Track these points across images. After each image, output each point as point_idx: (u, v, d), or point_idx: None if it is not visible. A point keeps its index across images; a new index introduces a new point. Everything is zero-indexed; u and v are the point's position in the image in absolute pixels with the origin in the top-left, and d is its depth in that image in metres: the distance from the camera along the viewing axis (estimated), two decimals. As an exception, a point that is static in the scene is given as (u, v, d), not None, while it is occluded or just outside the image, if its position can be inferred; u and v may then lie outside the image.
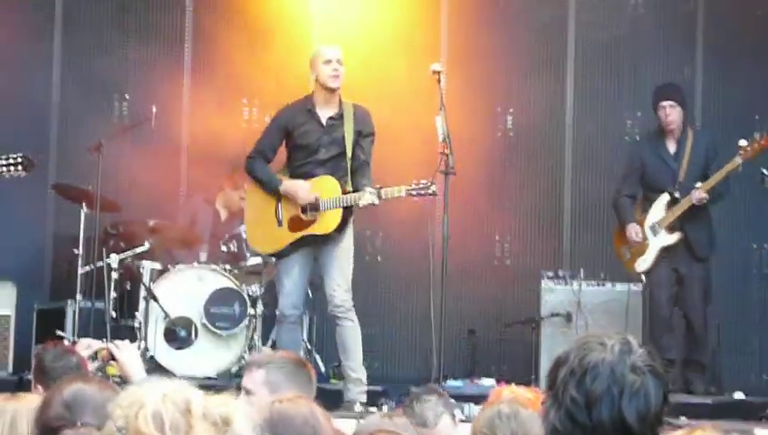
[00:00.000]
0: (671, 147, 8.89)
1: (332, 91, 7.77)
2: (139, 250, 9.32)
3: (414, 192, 7.58)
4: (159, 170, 10.12)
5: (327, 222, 7.73)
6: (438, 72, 7.82)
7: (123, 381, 4.52)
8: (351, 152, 7.74)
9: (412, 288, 10.44)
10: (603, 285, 9.55)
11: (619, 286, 9.45)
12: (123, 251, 9.30)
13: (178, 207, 10.42)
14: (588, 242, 10.36)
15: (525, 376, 9.28)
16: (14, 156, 7.25)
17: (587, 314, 9.41)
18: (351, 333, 7.93)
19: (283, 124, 7.87)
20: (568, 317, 9.49)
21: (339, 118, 7.79)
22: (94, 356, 4.47)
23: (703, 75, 10.53)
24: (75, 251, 9.22)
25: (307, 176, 7.80)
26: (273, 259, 8.33)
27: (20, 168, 7.25)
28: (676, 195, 8.76)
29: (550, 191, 10.64)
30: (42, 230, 10.46)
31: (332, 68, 7.71)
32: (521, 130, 10.71)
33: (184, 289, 9.05)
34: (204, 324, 8.97)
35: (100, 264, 9.08)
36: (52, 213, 10.43)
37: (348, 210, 7.77)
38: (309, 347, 9.40)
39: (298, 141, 7.80)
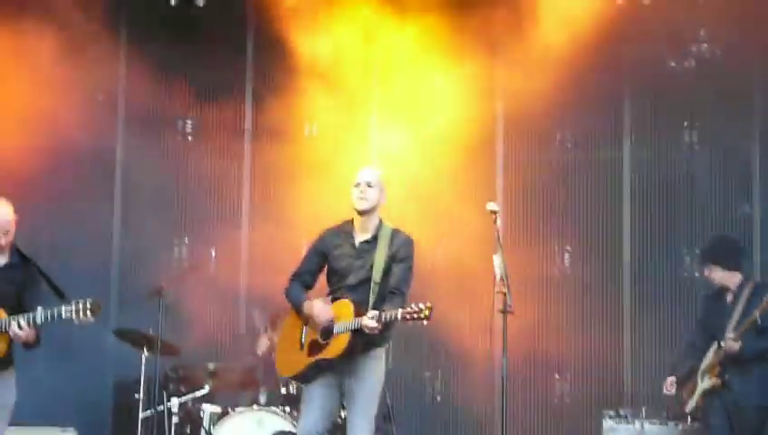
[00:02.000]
0: (729, 297, 8.91)
1: (361, 213, 7.62)
2: (199, 393, 9.35)
3: (408, 316, 7.25)
4: (218, 313, 10.22)
5: (336, 346, 7.48)
6: (495, 212, 7.83)
7: None
8: (381, 277, 7.52)
9: (473, 429, 10.39)
10: (666, 423, 9.44)
11: (682, 425, 9.35)
12: (183, 394, 9.34)
13: (238, 349, 10.45)
14: (649, 380, 10.26)
15: None
16: (83, 301, 7.33)
17: (650, 453, 9.29)
18: None
19: (321, 248, 7.71)
20: (631, 456, 9.37)
21: (373, 241, 7.62)
22: None
23: (761, 211, 10.52)
24: (136, 395, 9.25)
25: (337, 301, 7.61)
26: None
27: (89, 313, 7.33)
28: (722, 343, 8.76)
29: (609, 330, 10.58)
30: (103, 375, 10.53)
31: (360, 190, 7.59)
32: (578, 269, 10.71)
33: (244, 432, 9.03)
34: (264, 467, 8.95)
35: (160, 408, 9.10)
36: (113, 358, 10.49)
37: (360, 336, 7.41)
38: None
39: (332, 265, 7.64)
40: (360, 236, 7.63)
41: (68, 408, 9.95)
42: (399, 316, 7.26)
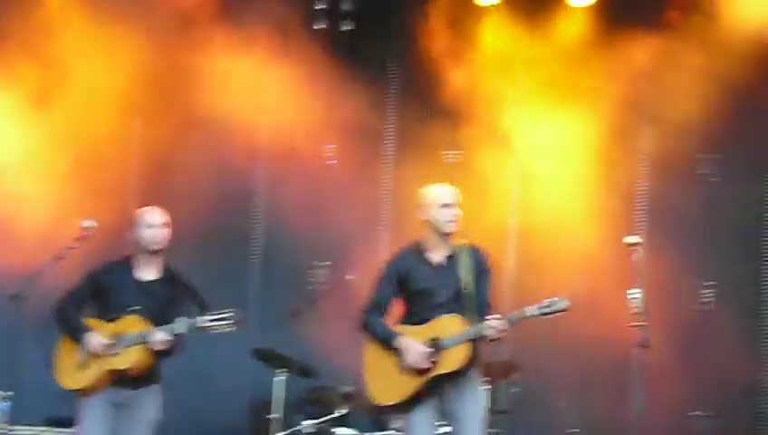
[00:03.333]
0: None
1: (446, 235, 7.41)
2: (333, 416, 9.41)
3: (547, 310, 7.14)
4: (356, 337, 10.27)
5: (452, 359, 7.21)
6: (635, 244, 7.74)
7: None
8: (470, 291, 7.32)
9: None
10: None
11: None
12: (318, 417, 9.41)
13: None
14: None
15: None
16: (224, 311, 7.47)
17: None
18: None
19: (396, 272, 7.44)
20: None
21: (452, 257, 7.41)
22: None
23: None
24: (269, 416, 9.36)
25: (427, 322, 7.33)
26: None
27: (227, 323, 7.45)
28: None
29: (747, 366, 10.40)
30: (240, 395, 10.66)
31: (451, 212, 7.37)
32: (719, 305, 10.55)
33: (377, 455, 9.09)
34: (396, 492, 8.98)
35: (294, 429, 9.19)
36: (250, 378, 10.63)
37: (474, 348, 7.28)
38: None
39: (412, 287, 7.38)
40: (439, 254, 7.43)
41: (204, 428, 10.11)
42: (536, 311, 7.13)
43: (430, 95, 10.83)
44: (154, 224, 7.67)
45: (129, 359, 7.52)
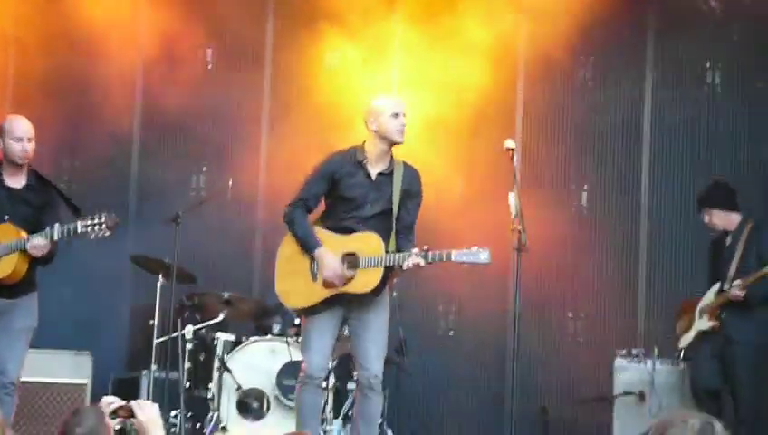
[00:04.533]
0: (728, 241, 8.93)
1: (394, 144, 7.40)
2: (213, 322, 9.42)
3: (464, 258, 7.19)
4: (235, 243, 10.25)
5: (365, 281, 7.26)
6: (512, 150, 7.77)
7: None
8: (397, 212, 7.36)
9: (484, 364, 10.44)
10: (678, 364, 9.46)
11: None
12: (198, 323, 9.41)
13: (253, 279, 10.51)
14: (662, 320, 10.27)
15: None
16: (98, 216, 7.37)
17: (660, 394, 9.33)
18: (378, 408, 7.58)
19: (330, 172, 7.39)
20: (641, 396, 9.41)
21: (389, 174, 7.40)
22: (114, 414, 4.50)
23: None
24: (151, 322, 9.33)
25: (348, 231, 7.34)
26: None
27: (104, 227, 7.36)
28: (725, 287, 8.80)
29: (624, 269, 10.59)
30: (119, 301, 10.60)
31: (401, 122, 7.34)
32: (595, 208, 10.71)
33: (257, 361, 9.11)
34: (276, 397, 9.02)
35: (175, 335, 9.18)
36: (130, 284, 10.57)
37: (388, 271, 7.34)
38: (380, 421, 9.36)
39: (344, 193, 7.36)
40: (377, 167, 7.41)
41: (83, 331, 10.03)
42: (453, 258, 7.15)
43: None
44: (22, 137, 7.53)
45: (4, 267, 7.40)
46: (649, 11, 10.66)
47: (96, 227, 7.34)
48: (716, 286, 8.88)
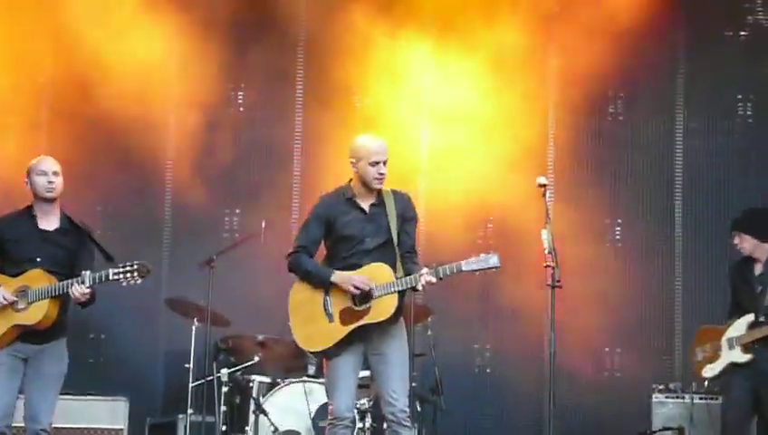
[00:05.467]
0: (757, 269, 8.84)
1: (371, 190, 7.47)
2: (248, 364, 9.42)
3: (474, 266, 7.23)
4: (268, 285, 10.24)
5: (382, 308, 7.29)
6: (544, 186, 7.78)
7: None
8: (398, 238, 7.39)
9: (521, 402, 10.38)
10: (716, 398, 9.38)
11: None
12: (233, 365, 9.41)
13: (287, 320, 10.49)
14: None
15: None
16: (130, 263, 7.39)
17: (699, 428, 9.25)
18: None
19: (324, 216, 7.44)
20: (680, 431, 9.34)
21: (380, 205, 7.44)
22: None
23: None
24: (186, 365, 9.34)
25: (355, 268, 7.35)
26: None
27: (136, 274, 7.37)
28: (761, 318, 8.69)
29: (660, 303, 10.53)
30: (154, 345, 10.62)
31: (379, 171, 7.38)
32: (629, 241, 10.66)
33: (293, 403, 9.09)
34: (312, 438, 9.01)
35: (210, 378, 9.18)
36: (164, 328, 10.58)
37: (402, 298, 7.39)
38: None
39: (342, 232, 7.40)
40: (366, 201, 7.45)
41: (119, 376, 10.06)
42: (463, 267, 7.20)
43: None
44: (47, 171, 7.58)
45: (36, 313, 7.42)
46: (680, 43, 10.65)
47: (128, 275, 7.36)
48: (750, 317, 8.76)
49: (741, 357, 8.74)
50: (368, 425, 9.06)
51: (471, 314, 10.40)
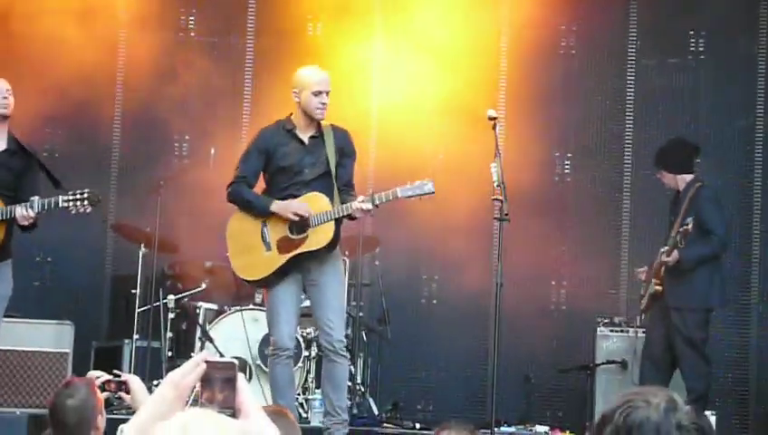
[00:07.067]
0: (677, 201, 8.91)
1: (314, 120, 7.50)
2: (195, 291, 9.41)
3: (410, 192, 7.29)
4: (217, 212, 10.19)
5: (319, 237, 7.37)
6: (494, 119, 7.78)
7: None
8: (335, 171, 7.45)
9: (467, 333, 10.44)
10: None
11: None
12: (180, 292, 9.40)
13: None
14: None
15: (579, 423, 9.23)
16: (80, 192, 7.35)
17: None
18: (345, 372, 7.66)
19: (263, 147, 7.51)
20: (624, 364, 9.42)
21: (319, 137, 7.48)
22: (102, 387, 4.57)
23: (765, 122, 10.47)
24: (133, 291, 9.32)
25: (292, 198, 7.45)
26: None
27: (86, 202, 7.35)
28: (662, 249, 8.72)
29: (607, 237, 10.59)
30: (100, 270, 10.57)
31: (321, 101, 7.38)
32: (578, 175, 10.70)
33: (239, 331, 9.10)
34: (258, 366, 9.02)
35: (157, 304, 9.17)
36: (111, 253, 10.54)
37: (339, 226, 7.47)
38: (362, 390, 9.39)
39: (280, 163, 7.47)
40: (306, 133, 7.49)
41: (65, 300, 10.02)
42: (399, 194, 7.26)
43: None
44: None
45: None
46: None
47: (78, 203, 7.33)
48: (662, 250, 8.74)
49: (653, 288, 8.75)
50: (314, 354, 9.10)
51: (419, 245, 10.41)
